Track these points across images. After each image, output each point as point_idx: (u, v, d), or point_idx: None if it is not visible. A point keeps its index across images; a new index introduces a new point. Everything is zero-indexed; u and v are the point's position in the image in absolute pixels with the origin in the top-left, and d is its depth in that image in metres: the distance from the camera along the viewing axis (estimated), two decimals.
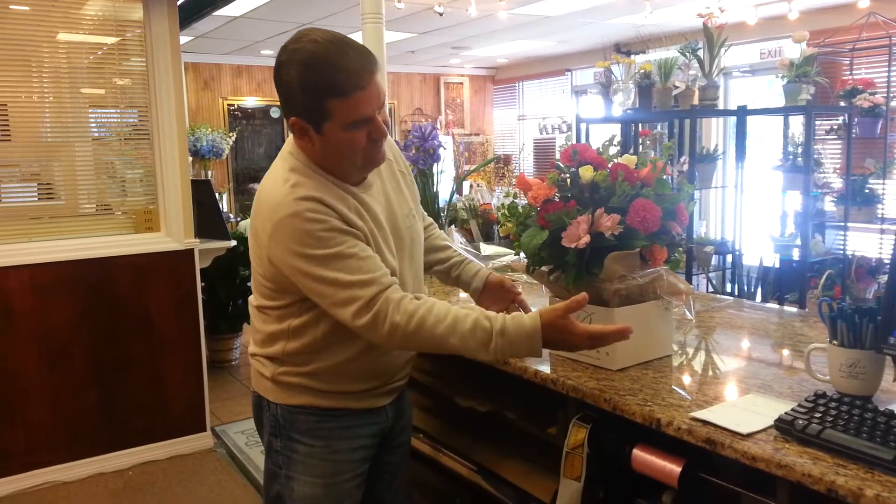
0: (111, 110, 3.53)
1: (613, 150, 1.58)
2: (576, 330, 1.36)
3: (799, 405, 1.20)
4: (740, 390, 1.37)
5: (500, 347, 1.35)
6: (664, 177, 1.52)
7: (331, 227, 1.38)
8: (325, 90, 1.34)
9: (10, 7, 3.20)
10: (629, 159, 1.51)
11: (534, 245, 1.48)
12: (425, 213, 1.88)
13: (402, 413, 1.74)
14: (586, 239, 1.41)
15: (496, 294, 1.73)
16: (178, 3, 3.49)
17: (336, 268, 1.37)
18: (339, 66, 1.34)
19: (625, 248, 1.44)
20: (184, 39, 6.22)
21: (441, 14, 6.23)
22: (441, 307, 1.38)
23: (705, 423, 1.20)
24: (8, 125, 3.26)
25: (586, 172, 1.47)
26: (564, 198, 1.50)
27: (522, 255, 1.55)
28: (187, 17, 3.99)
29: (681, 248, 1.59)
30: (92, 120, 3.50)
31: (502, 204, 1.61)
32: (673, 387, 1.40)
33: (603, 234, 1.42)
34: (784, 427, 1.15)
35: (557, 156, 1.60)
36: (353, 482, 1.60)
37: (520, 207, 1.58)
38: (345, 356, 1.52)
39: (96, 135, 3.53)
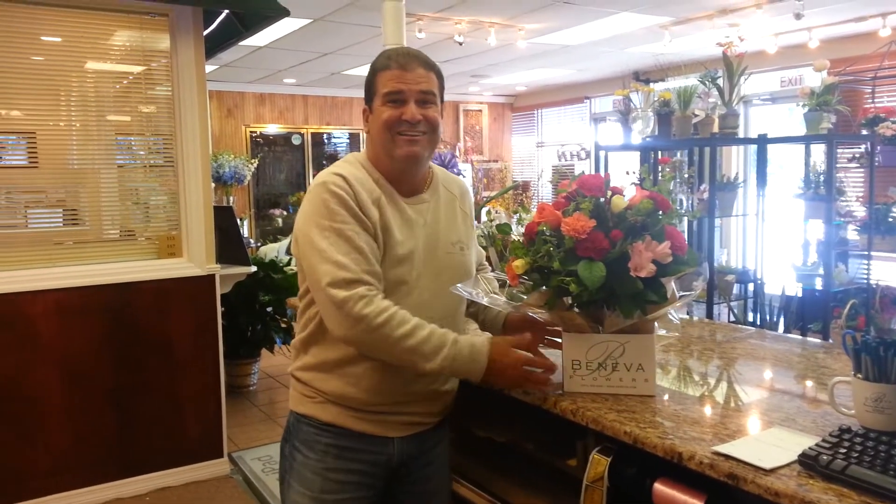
0: (137, 138, 3.60)
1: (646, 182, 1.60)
2: (516, 354, 1.50)
3: (823, 440, 1.18)
4: (763, 423, 1.35)
5: (449, 355, 1.45)
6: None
7: (345, 204, 1.49)
8: (376, 68, 1.59)
9: (42, 38, 3.29)
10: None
11: (599, 277, 1.40)
12: (484, 262, 1.93)
13: (428, 460, 1.68)
14: (652, 268, 1.41)
15: (520, 331, 1.64)
16: (205, 33, 3.57)
17: (330, 241, 1.47)
18: (392, 50, 1.62)
19: (669, 273, 1.45)
20: (209, 68, 6.33)
21: (461, 44, 6.31)
22: (407, 314, 1.46)
23: (727, 457, 1.18)
24: (36, 152, 3.34)
25: (619, 202, 1.47)
26: (605, 228, 1.47)
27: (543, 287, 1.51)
28: (213, 47, 4.06)
29: None
30: (118, 147, 3.57)
31: (514, 240, 1.60)
32: (694, 419, 1.38)
33: (659, 262, 1.42)
34: (808, 462, 1.12)
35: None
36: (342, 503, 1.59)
37: (546, 236, 1.53)
38: (347, 349, 1.53)
39: (121, 162, 3.59)
